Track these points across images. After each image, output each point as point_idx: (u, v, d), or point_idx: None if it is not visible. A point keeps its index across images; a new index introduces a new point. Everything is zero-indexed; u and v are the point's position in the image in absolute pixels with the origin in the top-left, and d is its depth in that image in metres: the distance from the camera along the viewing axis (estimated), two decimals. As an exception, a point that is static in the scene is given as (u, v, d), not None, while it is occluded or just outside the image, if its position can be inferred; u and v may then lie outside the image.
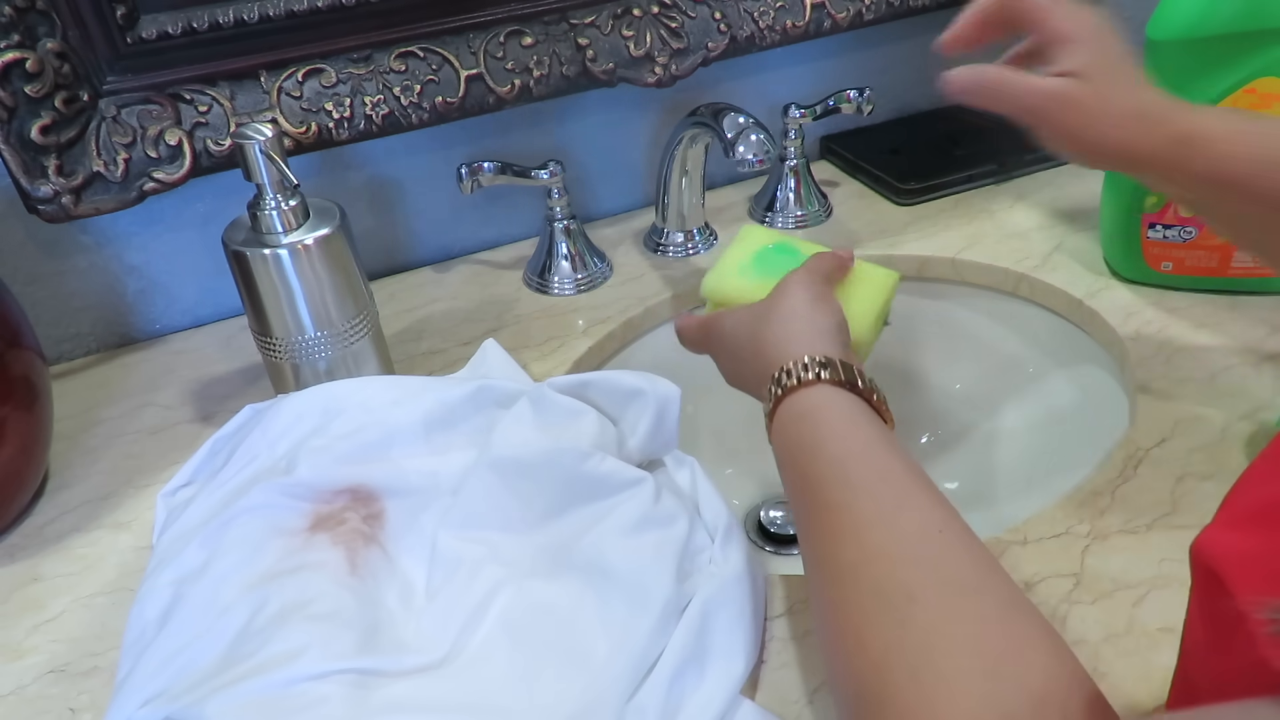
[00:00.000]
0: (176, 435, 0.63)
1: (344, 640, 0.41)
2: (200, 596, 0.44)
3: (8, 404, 0.52)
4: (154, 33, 0.62)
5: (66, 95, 0.59)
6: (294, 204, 0.54)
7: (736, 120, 0.64)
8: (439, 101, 0.70)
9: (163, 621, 0.44)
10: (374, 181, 0.76)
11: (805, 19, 0.80)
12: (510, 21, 0.71)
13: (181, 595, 0.45)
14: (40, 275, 0.69)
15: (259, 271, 0.54)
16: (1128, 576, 0.47)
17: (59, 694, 0.46)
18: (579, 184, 0.83)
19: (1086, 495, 0.52)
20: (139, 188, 0.63)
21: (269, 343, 0.57)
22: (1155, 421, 0.57)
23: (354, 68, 0.68)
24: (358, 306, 0.58)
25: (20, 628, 0.49)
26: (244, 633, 0.42)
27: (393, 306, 0.74)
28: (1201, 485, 0.52)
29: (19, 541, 0.55)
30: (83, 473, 0.60)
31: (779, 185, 0.83)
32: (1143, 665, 0.43)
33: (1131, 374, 0.62)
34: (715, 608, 0.43)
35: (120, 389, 0.68)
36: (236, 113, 0.65)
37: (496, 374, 0.63)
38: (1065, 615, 0.45)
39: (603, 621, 0.44)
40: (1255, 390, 0.59)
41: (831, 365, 0.44)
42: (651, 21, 0.75)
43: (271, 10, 0.64)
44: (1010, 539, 0.50)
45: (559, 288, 0.75)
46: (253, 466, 0.50)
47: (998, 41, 0.50)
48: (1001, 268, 0.73)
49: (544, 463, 0.47)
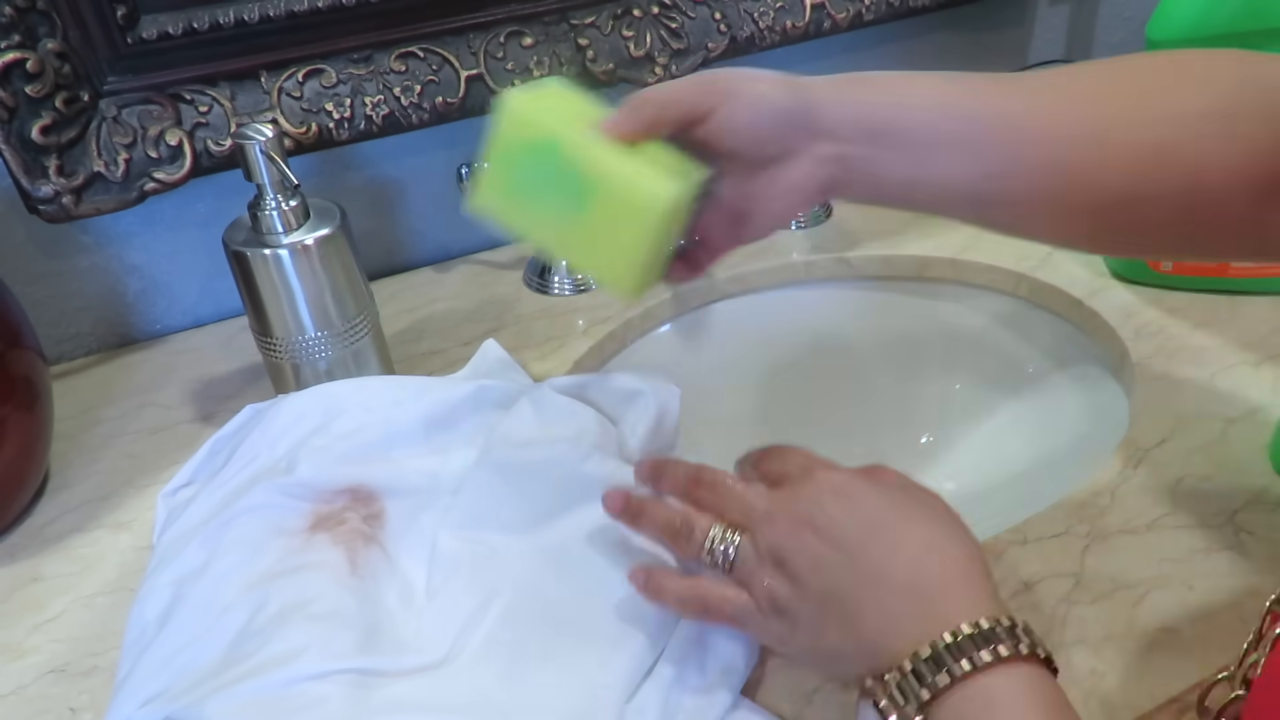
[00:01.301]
0: (176, 435, 0.63)
1: (344, 640, 0.41)
2: (200, 596, 0.44)
3: (8, 404, 0.52)
4: (154, 33, 0.62)
5: (67, 95, 0.59)
6: (294, 204, 0.54)
7: (736, 120, 0.64)
8: (439, 102, 0.70)
9: (163, 621, 0.44)
10: (374, 181, 0.76)
11: (805, 19, 0.80)
12: (510, 22, 0.71)
13: (182, 595, 0.45)
14: (40, 275, 0.69)
15: (259, 271, 0.54)
16: (1128, 576, 0.47)
17: (59, 694, 0.46)
18: (579, 184, 0.83)
19: (1086, 495, 0.52)
20: (139, 188, 0.63)
21: (269, 343, 0.57)
22: (1155, 421, 0.57)
23: (354, 68, 0.68)
24: (358, 306, 0.58)
25: (20, 628, 0.49)
26: (244, 633, 0.42)
27: (393, 306, 0.74)
28: (1201, 485, 0.52)
29: (19, 541, 0.55)
30: (83, 473, 0.60)
31: (779, 185, 0.83)
32: (1143, 665, 0.43)
33: (1131, 374, 0.62)
34: None
35: (120, 389, 0.68)
36: (237, 113, 0.65)
37: (496, 375, 0.63)
38: (1065, 615, 0.45)
39: (602, 621, 0.44)
40: (1255, 390, 0.59)
41: (1010, 630, 0.33)
42: (651, 22, 0.75)
43: (272, 10, 0.64)
44: (1010, 539, 0.50)
45: (559, 288, 0.75)
46: (253, 466, 0.50)
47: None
48: (1002, 268, 0.73)
49: (545, 463, 0.47)
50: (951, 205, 0.44)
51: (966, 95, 0.42)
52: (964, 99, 0.42)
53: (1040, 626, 0.45)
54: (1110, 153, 0.39)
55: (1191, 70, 0.40)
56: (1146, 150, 0.38)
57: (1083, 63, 0.49)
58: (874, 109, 0.42)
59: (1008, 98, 0.41)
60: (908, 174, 0.42)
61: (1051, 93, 0.41)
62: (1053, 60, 1.02)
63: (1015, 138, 0.41)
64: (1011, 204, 0.42)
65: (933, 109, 0.42)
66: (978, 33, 0.95)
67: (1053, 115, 0.40)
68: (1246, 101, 0.38)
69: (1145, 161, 0.39)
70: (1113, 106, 0.40)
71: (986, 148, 0.41)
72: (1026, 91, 0.41)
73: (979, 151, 0.41)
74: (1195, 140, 0.38)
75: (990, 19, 0.95)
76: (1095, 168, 0.39)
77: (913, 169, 0.42)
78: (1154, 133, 0.38)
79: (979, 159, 0.41)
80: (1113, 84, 0.41)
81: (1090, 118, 0.40)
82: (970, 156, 0.41)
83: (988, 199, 0.42)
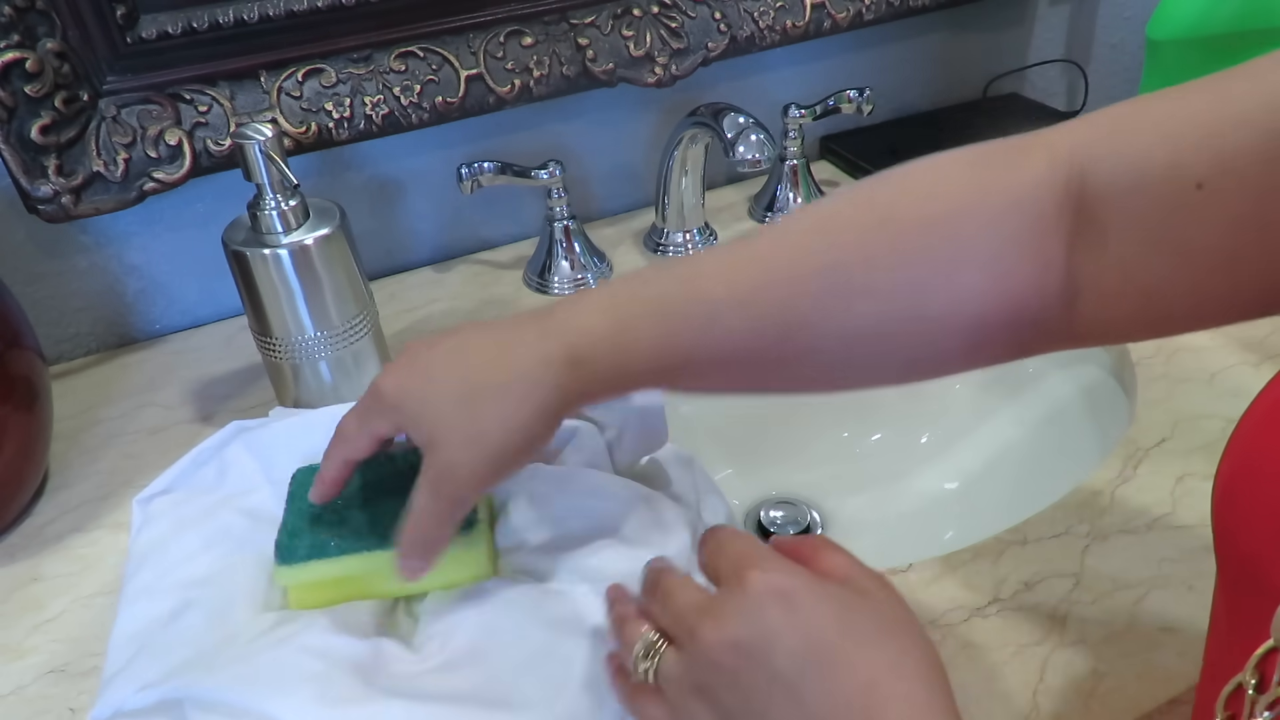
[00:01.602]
0: (176, 435, 0.63)
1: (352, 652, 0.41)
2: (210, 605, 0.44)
3: (8, 404, 0.52)
4: (154, 33, 0.62)
5: (66, 95, 0.59)
6: (294, 204, 0.54)
7: (736, 120, 0.64)
8: (439, 101, 0.70)
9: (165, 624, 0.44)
10: (374, 181, 0.76)
11: (805, 19, 0.80)
12: (510, 21, 0.71)
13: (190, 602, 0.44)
14: (40, 275, 0.69)
15: (259, 271, 0.54)
16: (1128, 576, 0.47)
17: (59, 694, 0.46)
18: (579, 184, 0.83)
19: (1086, 495, 0.52)
20: (139, 188, 0.63)
21: (269, 343, 0.57)
22: (1155, 421, 0.57)
23: (354, 68, 0.68)
24: (358, 306, 0.58)
25: (20, 628, 0.49)
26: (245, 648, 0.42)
27: (393, 306, 0.74)
28: (1201, 485, 0.52)
29: (19, 541, 0.55)
30: (83, 473, 0.60)
31: (779, 185, 0.83)
32: (1143, 665, 0.43)
33: (1132, 374, 0.62)
34: None
35: (120, 389, 0.68)
36: (236, 113, 0.65)
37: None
38: (1065, 615, 0.45)
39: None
40: (1255, 390, 0.58)
41: None
42: (651, 21, 0.75)
43: (271, 10, 0.64)
44: (1010, 539, 0.50)
45: (559, 288, 0.75)
46: (242, 481, 0.49)
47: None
48: (1001, 268, 0.73)
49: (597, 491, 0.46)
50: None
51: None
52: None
53: (1040, 626, 0.45)
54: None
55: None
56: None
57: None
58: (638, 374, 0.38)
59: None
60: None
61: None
62: (1052, 60, 1.02)
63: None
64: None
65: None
66: (978, 33, 0.95)
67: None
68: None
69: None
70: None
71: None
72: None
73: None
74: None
75: (990, 19, 0.95)
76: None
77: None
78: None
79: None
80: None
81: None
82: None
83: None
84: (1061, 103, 1.06)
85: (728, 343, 0.37)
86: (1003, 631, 0.45)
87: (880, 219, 0.36)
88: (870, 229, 0.36)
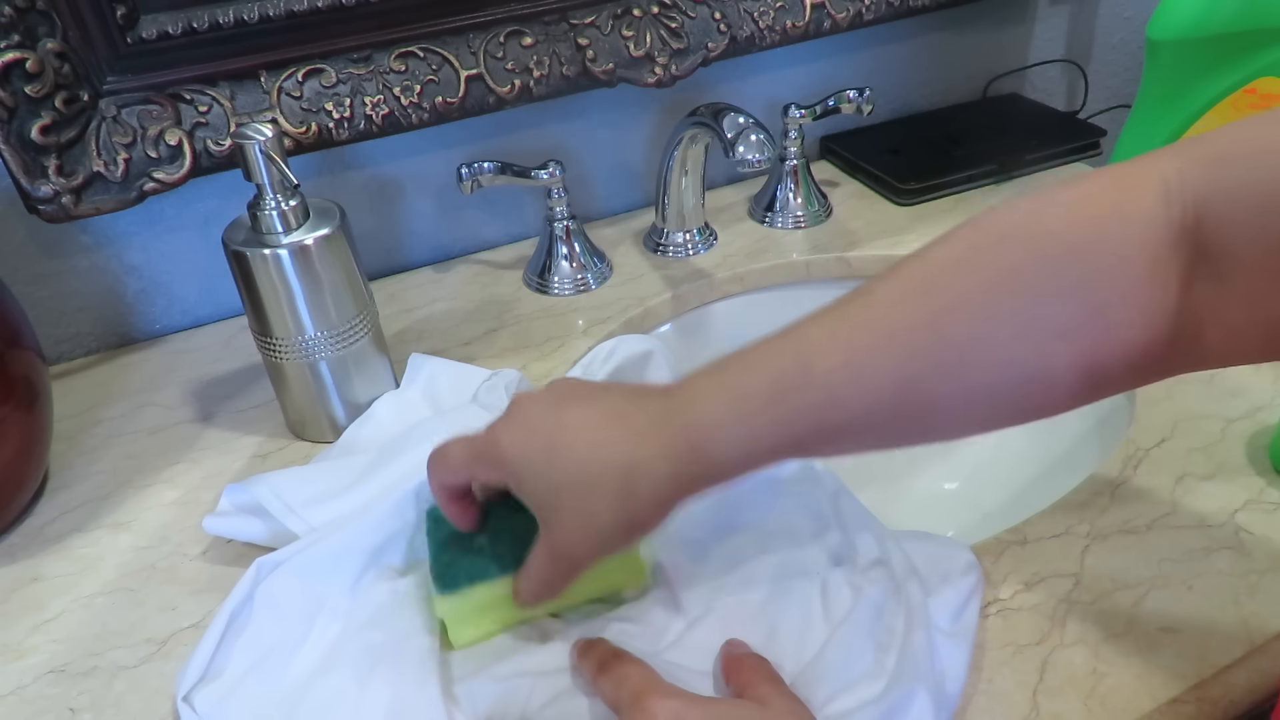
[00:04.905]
0: (176, 435, 0.63)
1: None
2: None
3: (8, 404, 0.52)
4: (154, 33, 0.62)
5: (66, 95, 0.59)
6: (294, 204, 0.54)
7: (736, 120, 0.64)
8: (439, 101, 0.70)
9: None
10: (374, 181, 0.76)
11: (805, 19, 0.80)
12: (510, 21, 0.71)
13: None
14: (40, 275, 0.69)
15: (259, 271, 0.54)
16: (1128, 576, 0.47)
17: (59, 694, 0.46)
18: (579, 184, 0.83)
19: (1086, 495, 0.52)
20: (139, 188, 0.63)
21: (269, 343, 0.57)
22: (1155, 421, 0.57)
23: (354, 68, 0.68)
24: (358, 306, 0.58)
25: (20, 628, 0.49)
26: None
27: (393, 306, 0.74)
28: (1201, 485, 0.52)
29: (19, 541, 0.55)
30: (83, 473, 0.60)
31: (779, 185, 0.83)
32: (1143, 665, 0.43)
33: (1131, 374, 0.61)
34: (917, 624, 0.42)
35: (120, 389, 0.68)
36: (236, 113, 0.65)
37: (440, 395, 0.62)
38: (1065, 615, 0.45)
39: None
40: (1255, 390, 0.59)
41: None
42: (651, 21, 0.75)
43: (271, 10, 0.64)
44: (1010, 539, 0.50)
45: (559, 288, 0.75)
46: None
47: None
48: (1001, 268, 0.73)
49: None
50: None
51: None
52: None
53: (1040, 626, 0.45)
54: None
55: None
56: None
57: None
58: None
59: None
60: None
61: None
62: (1053, 60, 1.02)
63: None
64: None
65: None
66: (978, 33, 0.95)
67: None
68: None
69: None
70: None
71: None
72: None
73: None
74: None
75: (990, 19, 0.95)
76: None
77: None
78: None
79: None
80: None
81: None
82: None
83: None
84: (1061, 103, 1.06)
85: (846, 416, 0.36)
86: (1002, 631, 0.45)
87: (990, 281, 0.35)
88: (987, 289, 0.35)
